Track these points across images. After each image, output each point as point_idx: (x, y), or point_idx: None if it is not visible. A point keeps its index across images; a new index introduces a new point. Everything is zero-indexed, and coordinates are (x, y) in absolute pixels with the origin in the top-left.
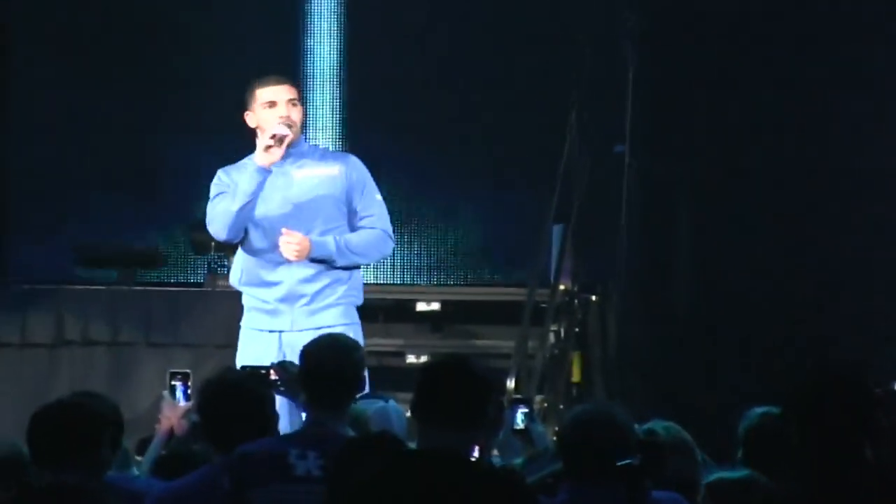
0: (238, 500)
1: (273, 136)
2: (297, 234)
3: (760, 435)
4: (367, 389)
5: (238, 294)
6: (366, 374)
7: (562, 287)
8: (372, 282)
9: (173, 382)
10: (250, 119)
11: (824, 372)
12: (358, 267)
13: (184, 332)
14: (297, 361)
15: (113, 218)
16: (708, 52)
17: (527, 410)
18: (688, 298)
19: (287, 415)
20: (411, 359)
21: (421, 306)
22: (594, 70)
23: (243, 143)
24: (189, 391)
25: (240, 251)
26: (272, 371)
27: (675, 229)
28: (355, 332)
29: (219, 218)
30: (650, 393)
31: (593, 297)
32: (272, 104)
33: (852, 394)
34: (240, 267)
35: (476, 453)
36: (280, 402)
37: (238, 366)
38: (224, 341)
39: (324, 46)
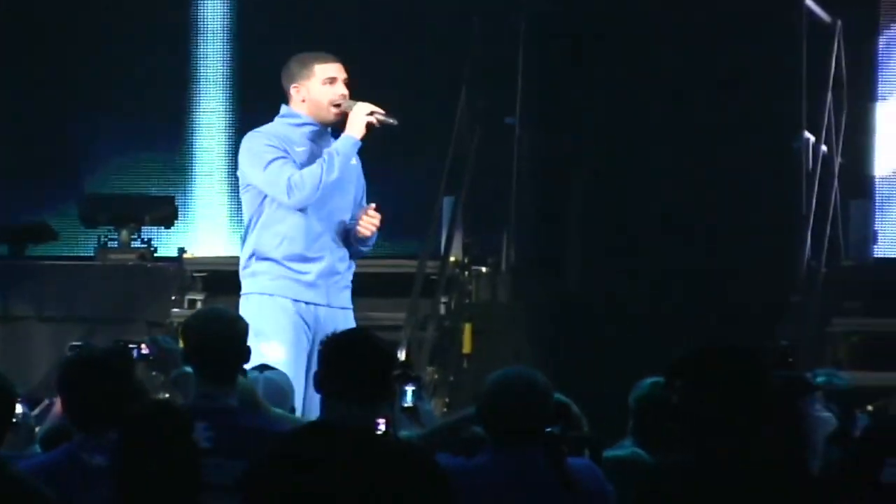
0: None
1: (377, 119)
2: (377, 214)
3: (650, 405)
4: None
5: (136, 268)
6: (249, 345)
7: (452, 259)
8: None
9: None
10: (300, 91)
11: (710, 344)
12: None
13: (77, 305)
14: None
15: (2, 194)
16: (598, 29)
17: (415, 388)
18: (579, 270)
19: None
20: None
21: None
22: (486, 45)
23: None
24: None
25: (281, 221)
26: (143, 346)
27: (566, 201)
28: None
29: (311, 185)
30: (541, 364)
31: (483, 269)
32: (332, 80)
33: (736, 365)
34: (280, 236)
35: (382, 427)
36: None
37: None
38: (117, 314)
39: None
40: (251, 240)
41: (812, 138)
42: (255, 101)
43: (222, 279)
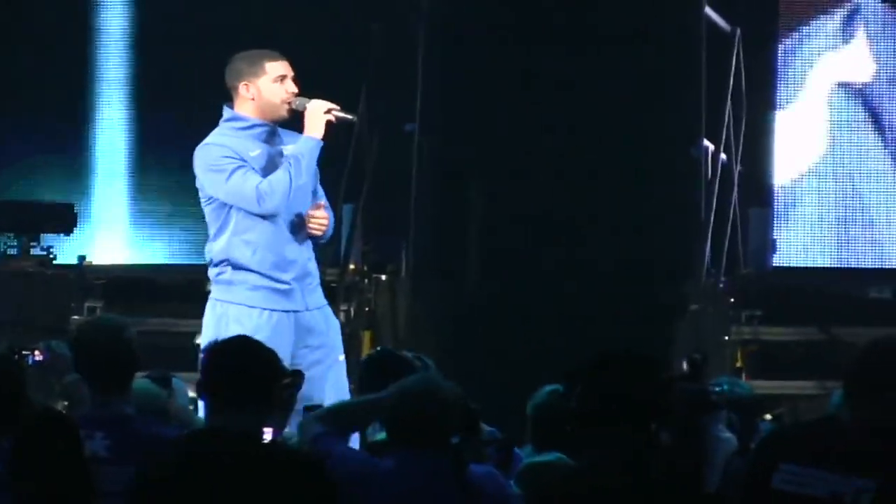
0: None
1: (335, 116)
2: (323, 210)
3: (548, 412)
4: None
5: (35, 276)
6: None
7: (352, 266)
8: (163, 262)
9: None
10: (249, 89)
11: (607, 350)
12: None
13: None
14: (314, 342)
15: None
16: (499, 36)
17: None
18: (478, 276)
19: None
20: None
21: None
22: (385, 51)
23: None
24: None
25: (251, 229)
26: (37, 352)
27: (465, 207)
28: None
29: (281, 192)
30: (441, 370)
31: (383, 277)
32: (283, 78)
33: (634, 372)
34: (252, 245)
35: (268, 435)
36: None
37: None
38: (16, 321)
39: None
40: (221, 247)
41: (711, 146)
42: (156, 106)
43: (122, 286)
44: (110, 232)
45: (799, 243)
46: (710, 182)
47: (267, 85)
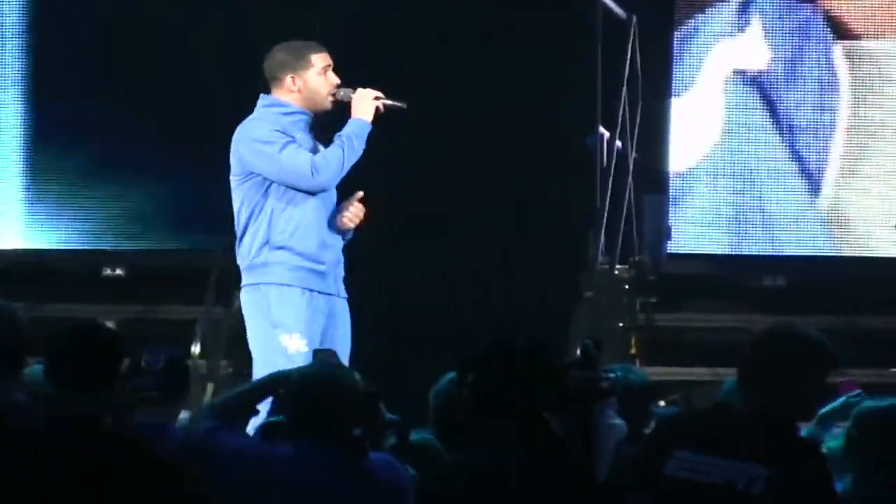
0: None
1: (383, 104)
2: (362, 206)
3: (447, 401)
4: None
5: None
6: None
7: None
8: (58, 247)
9: None
10: (294, 82)
11: (502, 339)
12: None
13: None
14: (339, 331)
15: None
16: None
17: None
18: (376, 266)
19: None
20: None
21: (106, 272)
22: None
23: None
24: None
25: (293, 208)
26: None
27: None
28: None
29: (336, 167)
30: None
31: None
32: (326, 69)
33: (526, 360)
34: (294, 224)
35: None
36: None
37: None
38: None
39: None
40: (260, 229)
41: (607, 134)
42: (48, 94)
43: (16, 273)
44: (4, 218)
45: (694, 230)
46: (606, 169)
47: (313, 77)
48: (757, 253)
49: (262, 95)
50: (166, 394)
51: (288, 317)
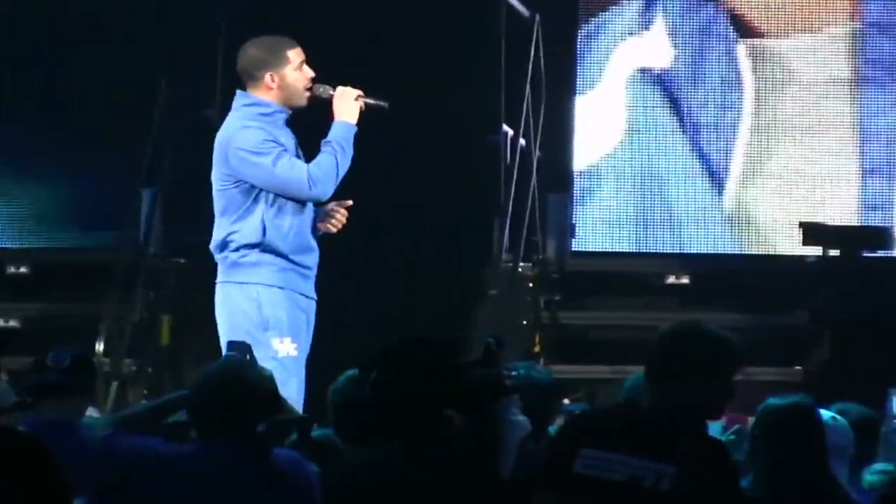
0: None
1: (365, 103)
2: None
3: (346, 399)
4: None
5: None
6: None
7: (152, 251)
8: None
9: None
10: (273, 80)
11: (406, 336)
12: None
13: None
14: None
15: None
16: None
17: None
18: None
19: None
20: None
21: (10, 270)
22: (186, 36)
23: None
24: None
25: (283, 212)
26: None
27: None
28: None
29: (332, 177)
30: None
31: (182, 261)
32: (302, 65)
33: (428, 358)
34: (286, 228)
35: None
36: None
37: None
38: None
39: None
40: (250, 230)
41: (511, 132)
42: None
43: None
44: None
45: (597, 228)
46: (509, 168)
47: (290, 73)
48: (660, 250)
49: (239, 93)
50: (72, 391)
51: (280, 320)
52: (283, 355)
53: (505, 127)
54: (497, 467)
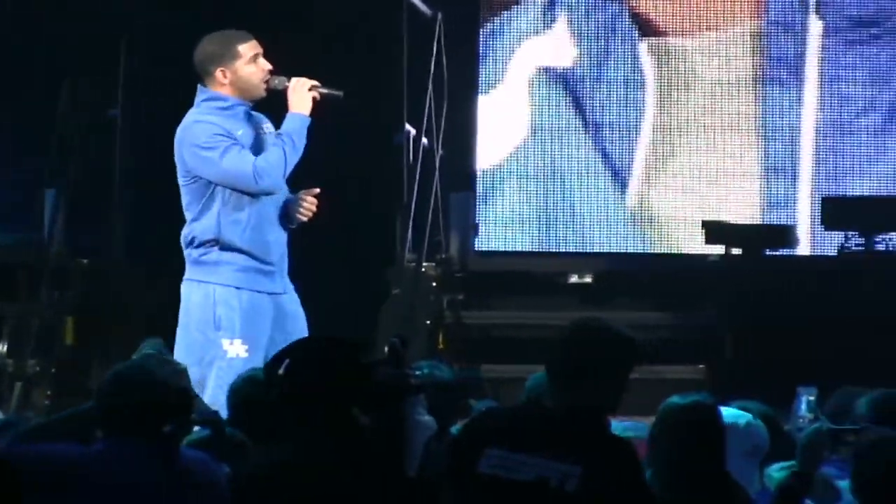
0: None
1: (319, 92)
2: (316, 200)
3: (244, 399)
4: None
5: None
6: None
7: (56, 251)
8: None
9: None
10: (225, 75)
11: (308, 336)
12: None
13: None
14: (289, 327)
15: None
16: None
17: None
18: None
19: None
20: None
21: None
22: (89, 36)
23: None
24: None
25: (240, 208)
26: None
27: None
28: None
29: (279, 169)
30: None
31: (86, 261)
32: (256, 57)
33: (332, 357)
34: (242, 224)
35: None
36: None
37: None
38: None
39: None
40: (207, 226)
41: (413, 131)
42: None
43: None
44: None
45: (501, 227)
46: (412, 167)
47: (242, 67)
48: (563, 249)
49: (199, 88)
50: None
51: (232, 321)
52: (233, 356)
53: (408, 126)
54: (404, 466)
